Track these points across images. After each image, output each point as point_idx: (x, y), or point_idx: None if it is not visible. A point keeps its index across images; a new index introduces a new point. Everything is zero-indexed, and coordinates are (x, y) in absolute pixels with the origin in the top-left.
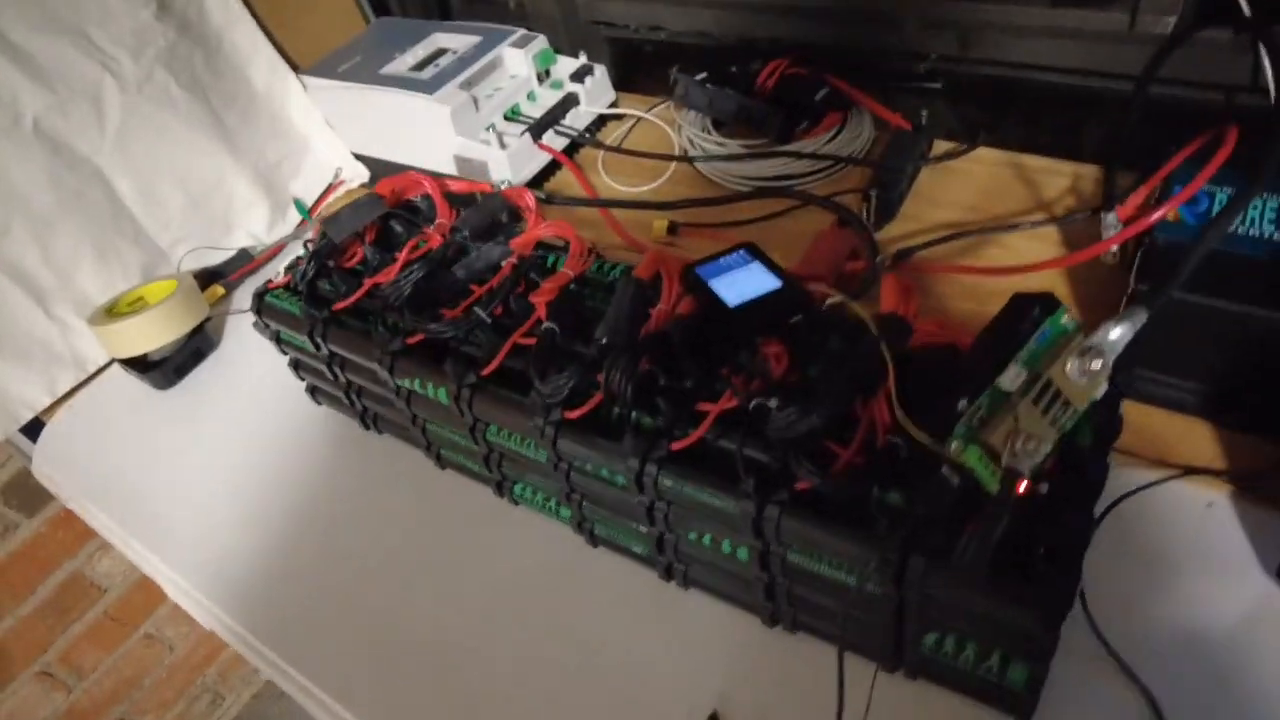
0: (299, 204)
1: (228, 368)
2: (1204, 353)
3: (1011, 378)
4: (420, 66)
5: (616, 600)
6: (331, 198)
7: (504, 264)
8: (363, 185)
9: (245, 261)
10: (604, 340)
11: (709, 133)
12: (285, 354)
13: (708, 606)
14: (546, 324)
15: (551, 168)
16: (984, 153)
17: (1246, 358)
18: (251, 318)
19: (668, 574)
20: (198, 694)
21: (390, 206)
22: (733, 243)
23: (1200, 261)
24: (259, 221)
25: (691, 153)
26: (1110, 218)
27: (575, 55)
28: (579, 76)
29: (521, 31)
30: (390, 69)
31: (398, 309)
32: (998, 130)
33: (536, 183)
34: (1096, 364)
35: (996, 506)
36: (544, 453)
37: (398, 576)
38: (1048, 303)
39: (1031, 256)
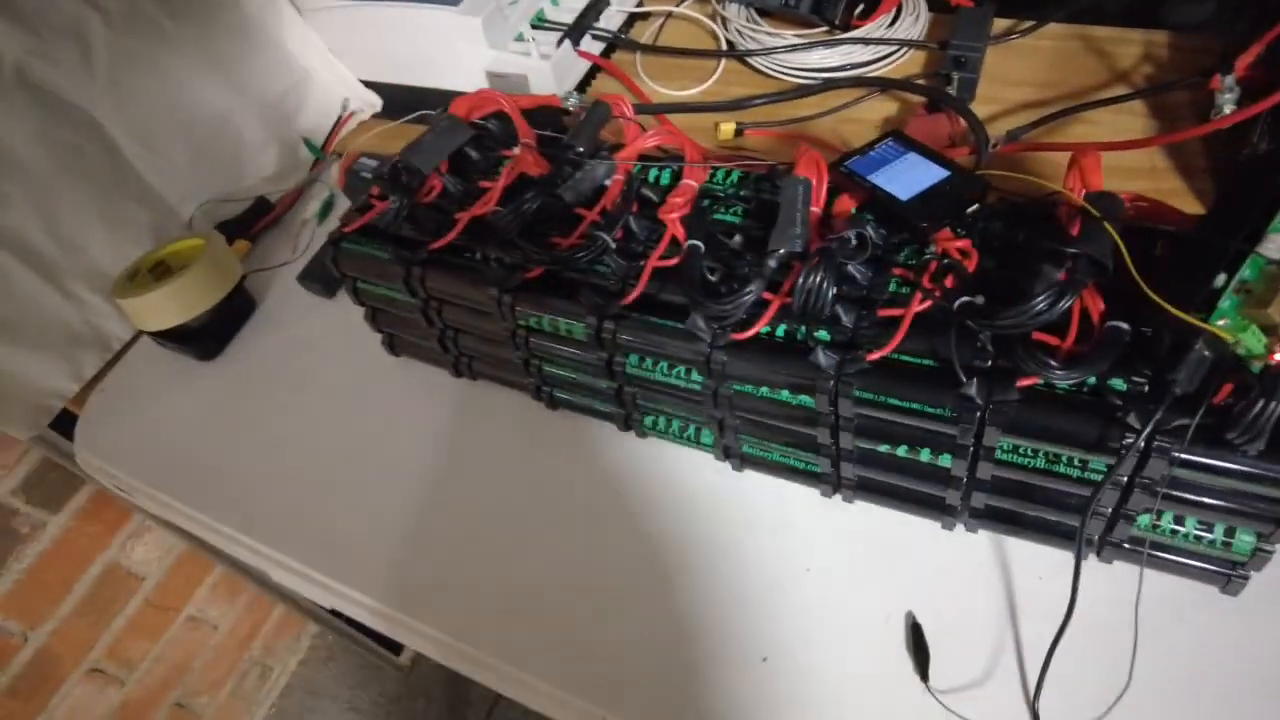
0: (309, 143)
1: (277, 327)
2: None
3: (1276, 246)
4: None
5: (780, 521)
6: (344, 131)
7: (609, 182)
8: (376, 115)
9: (262, 211)
10: (782, 250)
11: (758, 24)
12: (362, 304)
13: (881, 515)
14: (691, 242)
15: (587, 78)
16: (1049, 27)
17: None
18: (291, 270)
19: (836, 488)
20: (246, 669)
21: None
22: (805, 140)
23: None
24: (270, 164)
25: (743, 46)
26: (1229, 80)
27: None
28: None
29: None
30: None
31: (510, 242)
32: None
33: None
34: None
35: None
36: (697, 379)
37: (529, 524)
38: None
39: (1130, 129)
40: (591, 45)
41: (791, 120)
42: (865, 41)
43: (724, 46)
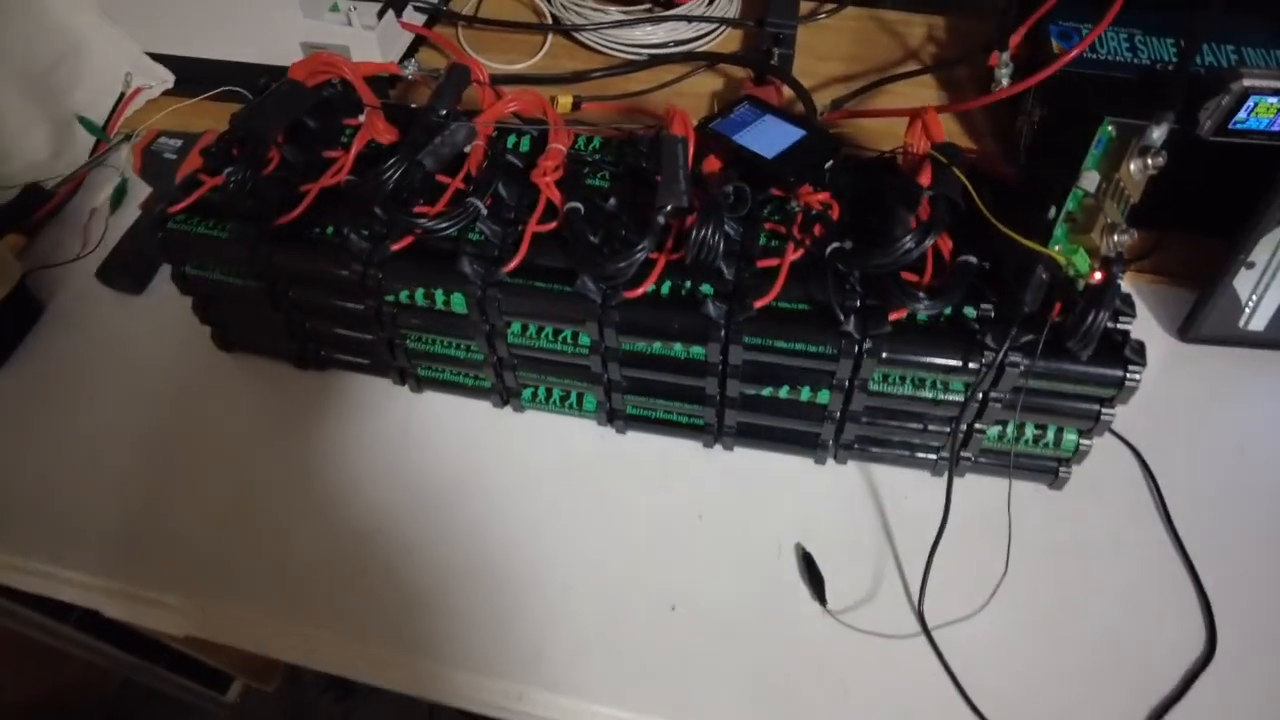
0: (86, 121)
1: (72, 330)
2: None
3: (1089, 181)
4: None
5: (668, 475)
6: (130, 109)
7: (469, 149)
8: (168, 92)
9: (36, 200)
10: (669, 206)
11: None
12: (191, 293)
13: (760, 458)
14: (570, 204)
15: (411, 49)
16: (847, 10)
17: None
18: (84, 266)
19: (717, 437)
20: None
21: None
22: (629, 110)
23: (1077, 83)
24: (40, 147)
25: (568, 20)
26: (1005, 56)
27: None
28: None
29: None
30: None
31: (372, 212)
32: None
33: None
34: (1157, 160)
35: (1104, 293)
36: (584, 343)
37: (411, 518)
38: (1093, 113)
39: (924, 99)
40: (413, 17)
41: (625, 95)
42: (688, 19)
43: (548, 21)
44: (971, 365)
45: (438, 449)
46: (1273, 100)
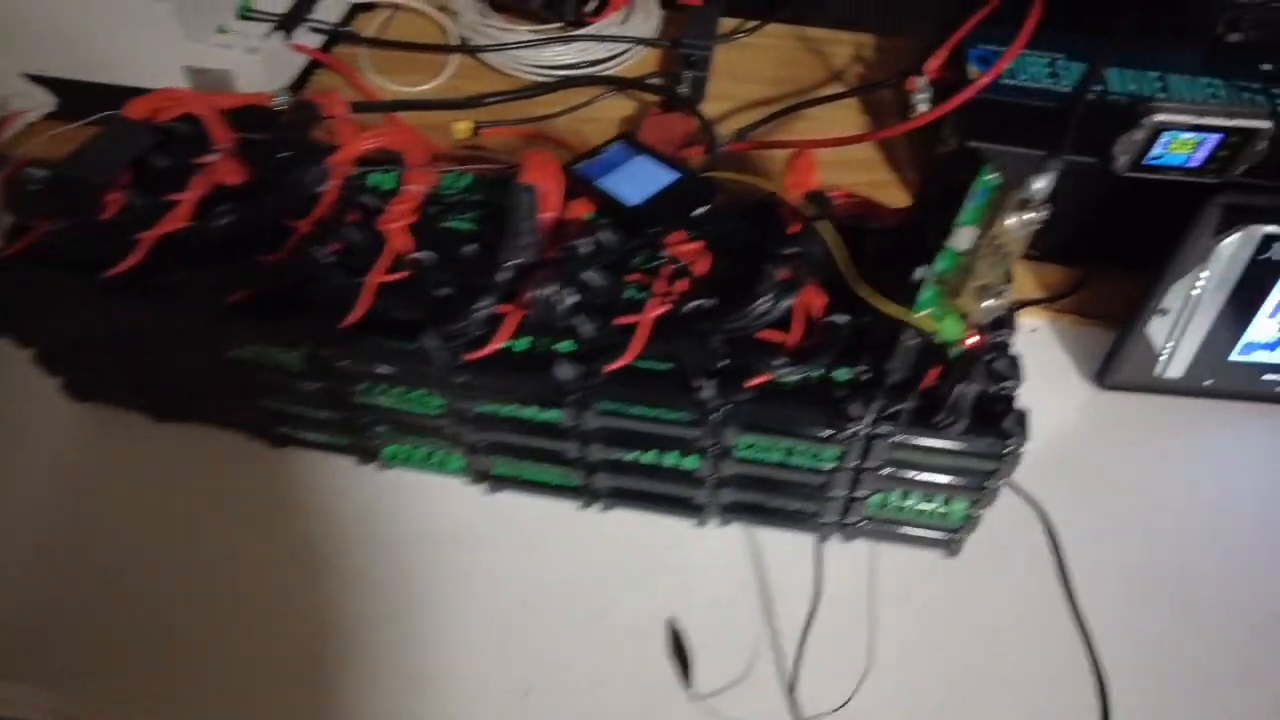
0: None
1: None
2: None
3: (964, 238)
4: None
5: (538, 539)
6: (6, 135)
7: (322, 190)
8: (49, 116)
9: None
10: (519, 260)
11: (489, 18)
12: (29, 345)
13: (637, 520)
14: (419, 253)
15: (304, 74)
16: (770, 27)
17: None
18: None
19: (591, 499)
20: None
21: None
22: (546, 138)
23: (992, 111)
24: None
25: (475, 41)
26: (922, 81)
27: None
28: None
29: None
30: None
31: (209, 262)
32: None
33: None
34: (1037, 215)
35: (970, 365)
36: (437, 402)
37: (261, 583)
38: (969, 161)
39: (845, 124)
40: (309, 39)
41: (530, 119)
42: (599, 39)
43: (455, 42)
44: (838, 435)
45: (294, 510)
46: (1188, 135)
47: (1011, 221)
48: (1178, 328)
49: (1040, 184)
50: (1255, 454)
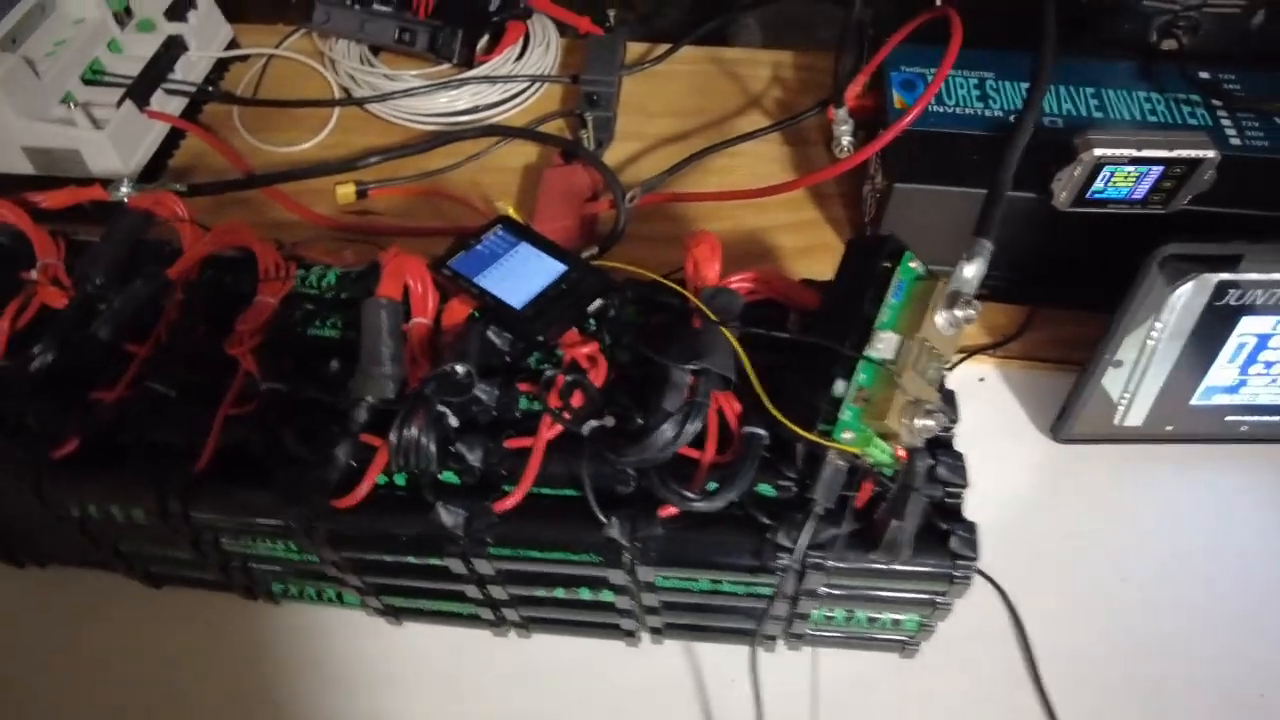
0: None
1: None
2: (939, 235)
3: (886, 345)
4: None
5: (452, 673)
6: None
7: (166, 305)
8: None
9: None
10: (378, 396)
11: (371, 64)
12: None
13: (563, 643)
14: (268, 384)
15: (171, 139)
16: (682, 51)
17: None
18: None
19: (499, 626)
20: None
21: None
22: (428, 193)
23: (918, 144)
24: None
25: (357, 92)
26: (842, 113)
27: None
28: (177, 12)
29: None
30: None
31: (27, 407)
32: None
33: (157, 163)
34: (968, 313)
35: (909, 487)
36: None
37: None
38: (891, 248)
39: (767, 159)
40: (168, 103)
41: (423, 174)
42: (492, 79)
43: (336, 91)
44: (767, 566)
45: (175, 656)
46: (1130, 169)
47: (941, 321)
48: (1134, 378)
49: (971, 271)
50: (1221, 497)
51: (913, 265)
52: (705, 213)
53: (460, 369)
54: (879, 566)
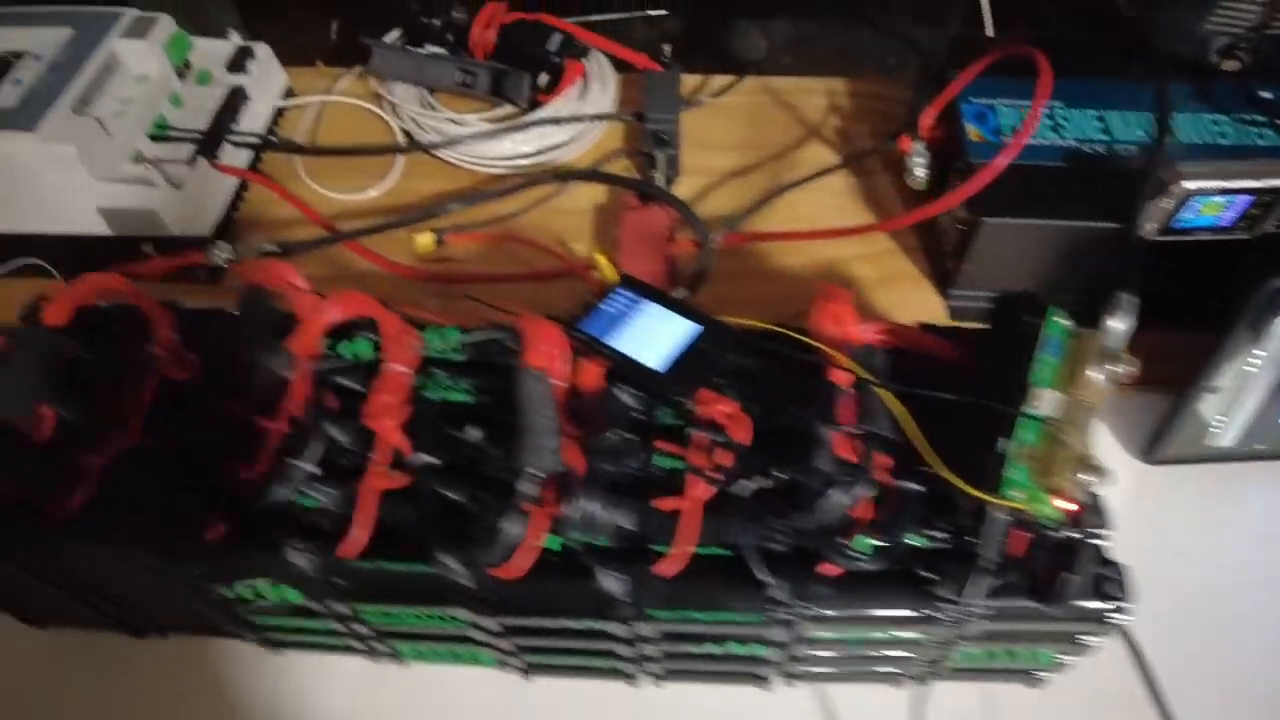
0: None
1: None
2: (1023, 266)
3: (1049, 402)
4: None
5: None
6: None
7: (291, 381)
8: None
9: None
10: (539, 474)
11: (434, 108)
12: None
13: (695, 691)
14: (421, 460)
15: (236, 195)
16: (722, 80)
17: (1068, 263)
18: None
19: (634, 677)
20: None
21: (68, 334)
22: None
23: (1003, 178)
24: None
25: (422, 136)
26: (919, 145)
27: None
28: (238, 64)
29: (133, 13)
30: None
31: (172, 484)
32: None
33: (227, 218)
34: (1125, 369)
35: (1080, 540)
36: (463, 619)
37: None
38: (1033, 304)
39: (831, 190)
40: (234, 155)
41: (495, 220)
42: (558, 121)
43: (399, 135)
44: (930, 616)
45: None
46: (1218, 199)
47: (1097, 376)
48: (1230, 402)
49: (1120, 325)
50: None
51: (1059, 320)
52: (777, 247)
53: (623, 435)
54: (1038, 610)
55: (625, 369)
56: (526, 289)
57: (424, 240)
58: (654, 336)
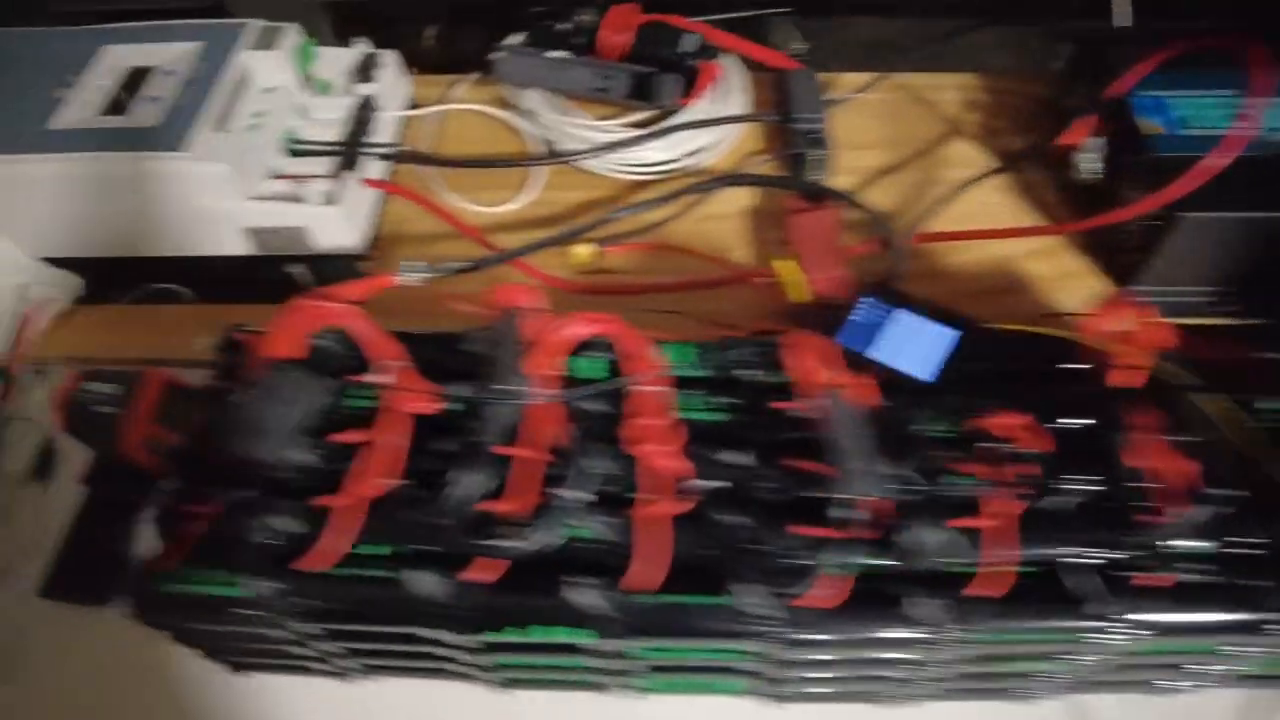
0: None
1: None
2: (1215, 261)
3: None
4: (119, 104)
5: None
6: (33, 332)
7: (534, 401)
8: (80, 300)
9: None
10: (858, 497)
11: (574, 115)
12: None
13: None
14: (710, 484)
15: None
16: (853, 77)
17: (1267, 256)
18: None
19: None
20: None
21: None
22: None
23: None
24: None
25: (562, 144)
26: (1095, 140)
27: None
28: (364, 73)
29: (259, 23)
30: (70, 118)
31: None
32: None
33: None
34: None
35: None
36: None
37: None
38: None
39: (988, 187)
40: (371, 168)
41: (649, 227)
42: (702, 124)
43: (532, 143)
44: (1252, 619)
45: None
46: None
47: None
48: None
49: None
50: None
51: None
52: (942, 246)
53: (930, 454)
54: None
55: (893, 379)
56: (693, 299)
57: (586, 252)
58: (914, 345)
